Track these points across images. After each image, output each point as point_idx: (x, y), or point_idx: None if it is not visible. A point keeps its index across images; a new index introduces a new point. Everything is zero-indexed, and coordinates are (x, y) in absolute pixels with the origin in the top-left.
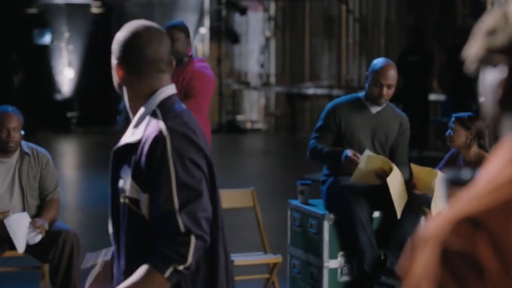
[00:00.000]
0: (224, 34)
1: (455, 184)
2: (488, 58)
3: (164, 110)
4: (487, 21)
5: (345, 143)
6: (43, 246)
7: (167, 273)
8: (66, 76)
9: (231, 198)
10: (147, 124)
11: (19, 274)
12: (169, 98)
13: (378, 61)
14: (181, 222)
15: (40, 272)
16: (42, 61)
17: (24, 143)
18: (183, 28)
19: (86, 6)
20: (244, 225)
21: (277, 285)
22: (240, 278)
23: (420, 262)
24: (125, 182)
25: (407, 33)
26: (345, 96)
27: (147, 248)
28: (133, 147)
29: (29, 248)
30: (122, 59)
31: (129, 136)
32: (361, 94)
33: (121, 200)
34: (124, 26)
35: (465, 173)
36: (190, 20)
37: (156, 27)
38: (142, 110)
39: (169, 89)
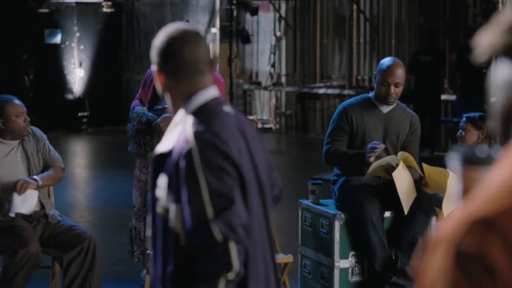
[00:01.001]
0: (235, 34)
1: (470, 163)
2: (507, 55)
3: (197, 117)
4: (508, 17)
5: (357, 144)
6: (65, 244)
7: (221, 286)
8: (77, 75)
9: None
10: (180, 132)
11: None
12: (206, 103)
13: (385, 60)
14: (217, 231)
15: (51, 271)
16: (53, 60)
17: None
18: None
19: (97, 6)
20: None
21: (288, 285)
22: None
23: (433, 264)
24: (162, 191)
25: (418, 33)
26: (356, 97)
27: (180, 257)
28: (167, 155)
29: (48, 244)
30: (160, 65)
31: (164, 144)
32: (371, 94)
33: (158, 210)
34: (160, 31)
35: (480, 150)
36: (201, 20)
37: (192, 29)
38: (178, 116)
39: (208, 93)
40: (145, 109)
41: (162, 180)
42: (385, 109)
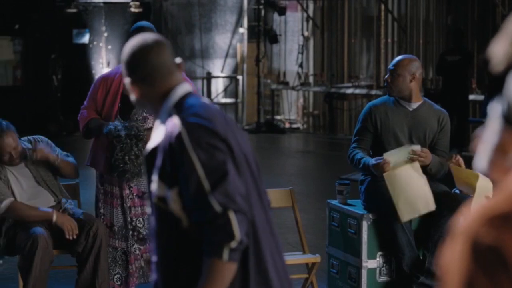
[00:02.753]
0: (263, 34)
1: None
2: None
3: (180, 107)
4: None
5: (383, 143)
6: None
7: (225, 255)
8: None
9: (270, 197)
10: (166, 125)
11: (53, 273)
12: (184, 95)
13: (399, 56)
14: (216, 202)
15: (77, 271)
16: (81, 60)
17: (22, 143)
18: (154, 30)
19: (125, 6)
20: (283, 225)
21: (316, 285)
22: None
23: (452, 255)
24: (155, 184)
25: (446, 33)
26: (382, 97)
27: (177, 245)
28: (157, 149)
29: (59, 242)
30: (132, 76)
31: (153, 140)
32: None
33: (153, 201)
34: (126, 46)
35: None
36: (228, 20)
37: (152, 37)
38: (160, 115)
39: (183, 87)
40: (117, 122)
41: (155, 174)
42: (411, 107)
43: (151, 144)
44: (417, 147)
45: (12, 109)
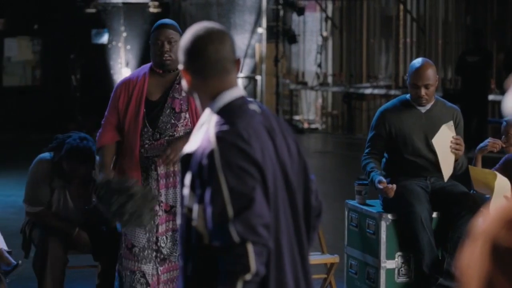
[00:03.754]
0: (282, 34)
1: None
2: None
3: (221, 117)
4: None
5: (399, 147)
6: (103, 244)
7: (238, 287)
8: (124, 75)
9: None
10: (204, 132)
11: (73, 272)
12: (231, 102)
13: (415, 62)
14: (235, 232)
15: (98, 271)
16: (100, 60)
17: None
18: (178, 29)
19: (144, 6)
20: None
21: (334, 285)
22: None
23: (471, 256)
24: (186, 190)
25: (465, 33)
26: (393, 100)
27: (199, 258)
28: (191, 156)
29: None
30: (187, 64)
31: (190, 144)
32: (409, 95)
33: (183, 207)
34: (186, 32)
35: None
36: (247, 20)
37: (217, 27)
38: (203, 116)
39: (234, 92)
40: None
41: (187, 180)
42: (423, 108)
43: (188, 148)
44: (453, 133)
45: (31, 109)
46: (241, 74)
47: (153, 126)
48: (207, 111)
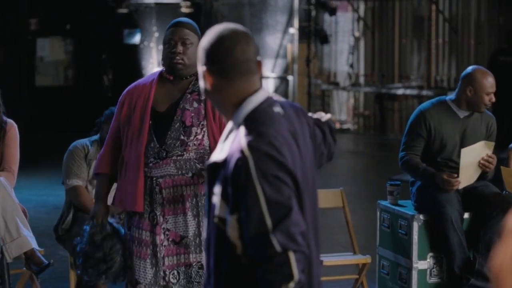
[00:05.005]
0: (314, 34)
1: None
2: None
3: (250, 125)
4: None
5: (434, 150)
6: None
7: None
8: None
9: (321, 198)
10: (233, 141)
11: None
12: (257, 107)
13: (479, 70)
14: (276, 242)
15: None
16: (132, 61)
17: None
18: (196, 30)
19: (176, 6)
20: (334, 225)
21: (366, 286)
22: (329, 279)
23: (503, 255)
24: (217, 200)
25: (497, 33)
26: (431, 100)
27: (232, 266)
28: (220, 165)
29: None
30: (210, 65)
31: (218, 152)
32: (448, 97)
33: (212, 216)
34: (207, 32)
35: None
36: (279, 20)
37: (241, 28)
38: (230, 123)
39: (258, 96)
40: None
41: (217, 189)
42: (462, 113)
43: (214, 156)
44: (489, 152)
45: (62, 109)
46: (273, 75)
47: (160, 142)
48: (230, 123)
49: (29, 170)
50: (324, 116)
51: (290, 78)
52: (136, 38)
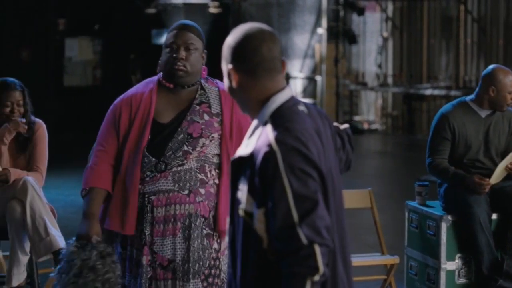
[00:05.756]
0: (342, 35)
1: None
2: None
3: (276, 121)
4: None
5: (459, 152)
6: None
7: None
8: None
9: (349, 198)
10: (259, 136)
11: None
12: (283, 104)
13: (500, 69)
14: (303, 234)
15: None
16: None
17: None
18: (201, 35)
19: (204, 6)
20: (361, 225)
21: (394, 286)
22: (357, 279)
23: None
24: (242, 194)
25: None
26: (452, 102)
27: (259, 261)
28: (246, 159)
29: None
30: (237, 63)
31: (243, 148)
32: (468, 98)
33: (239, 212)
34: (233, 31)
35: None
36: (307, 21)
37: (267, 28)
38: (255, 120)
39: (284, 94)
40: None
41: (242, 184)
42: (484, 113)
43: (240, 151)
44: None
45: (91, 109)
46: (301, 75)
47: (158, 154)
48: (256, 120)
49: (57, 169)
50: (343, 125)
51: (318, 78)
52: (164, 39)
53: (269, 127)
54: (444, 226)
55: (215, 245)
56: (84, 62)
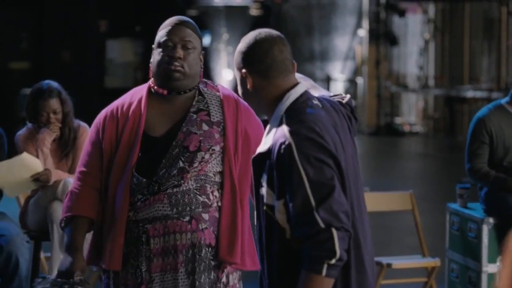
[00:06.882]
0: (383, 36)
1: None
2: None
3: (291, 115)
4: None
5: (497, 156)
6: None
7: (324, 271)
8: (225, 77)
9: (390, 200)
10: (275, 132)
11: None
12: (296, 100)
13: None
14: (320, 219)
15: None
16: None
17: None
18: (199, 33)
19: (245, 8)
20: (403, 228)
21: None
22: (398, 281)
23: (504, 275)
24: (264, 189)
25: None
26: (487, 106)
27: (283, 252)
28: (265, 155)
29: None
30: (251, 66)
31: (262, 145)
32: (504, 100)
33: (262, 206)
34: (243, 39)
35: None
36: (348, 22)
37: (275, 32)
38: (272, 118)
39: (297, 89)
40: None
41: (264, 179)
42: None
43: (259, 148)
44: None
45: None
46: (342, 77)
47: (149, 173)
48: (275, 112)
49: None
50: (345, 97)
51: (359, 80)
52: (206, 40)
53: (284, 121)
54: (485, 229)
55: (224, 279)
56: (125, 63)
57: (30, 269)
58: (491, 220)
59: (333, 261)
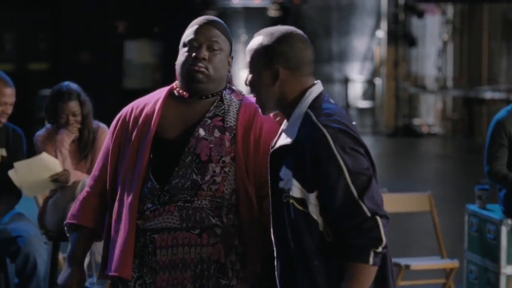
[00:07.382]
0: (401, 37)
1: None
2: None
3: (316, 110)
4: None
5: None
6: None
7: (371, 260)
8: (242, 78)
9: (408, 201)
10: (300, 126)
11: None
12: (317, 98)
13: None
14: (366, 207)
15: None
16: None
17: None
18: (229, 34)
19: (264, 10)
20: (421, 229)
21: None
22: (416, 283)
23: None
24: (287, 183)
25: None
26: (506, 108)
27: (317, 245)
28: (288, 148)
29: None
30: (280, 60)
31: (283, 138)
32: None
33: (284, 200)
34: (264, 34)
35: None
36: (367, 23)
37: (299, 30)
38: (294, 113)
39: (317, 88)
40: None
41: (286, 173)
42: None
43: (279, 142)
44: None
45: None
46: (360, 78)
47: (162, 181)
48: (294, 112)
49: None
50: None
51: (377, 81)
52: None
53: (310, 115)
54: (504, 230)
55: None
56: (143, 64)
57: (48, 271)
58: (510, 221)
59: (379, 249)
